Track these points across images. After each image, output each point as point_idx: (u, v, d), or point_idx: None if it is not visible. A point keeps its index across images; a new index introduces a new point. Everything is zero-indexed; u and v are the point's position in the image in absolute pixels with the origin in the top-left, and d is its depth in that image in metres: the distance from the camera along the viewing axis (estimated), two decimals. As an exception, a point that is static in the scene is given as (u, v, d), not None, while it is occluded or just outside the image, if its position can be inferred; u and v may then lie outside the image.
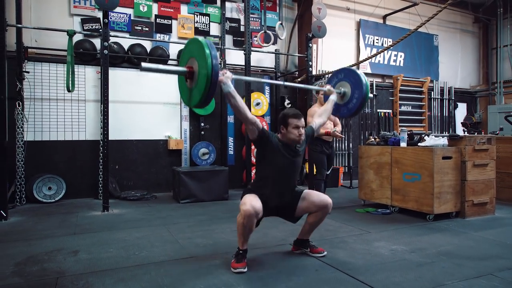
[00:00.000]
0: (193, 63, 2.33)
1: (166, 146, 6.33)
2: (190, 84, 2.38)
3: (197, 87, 2.30)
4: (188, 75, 2.36)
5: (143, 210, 4.83)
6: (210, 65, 2.17)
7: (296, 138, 2.68)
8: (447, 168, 4.18)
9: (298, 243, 3.03)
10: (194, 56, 2.33)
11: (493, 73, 9.91)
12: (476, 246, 3.17)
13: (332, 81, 3.52)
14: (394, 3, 8.62)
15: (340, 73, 3.41)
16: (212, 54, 2.21)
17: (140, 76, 6.15)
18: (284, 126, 2.70)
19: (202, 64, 2.23)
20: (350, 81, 3.29)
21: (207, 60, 2.18)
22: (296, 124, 2.67)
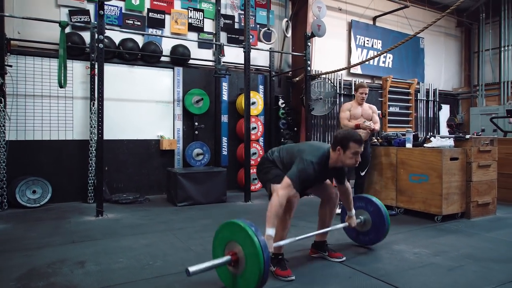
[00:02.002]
0: (237, 249, 2.18)
1: (158, 147, 6.05)
2: (234, 270, 2.20)
3: (245, 279, 2.13)
4: (233, 264, 2.19)
5: (140, 214, 4.56)
6: (262, 261, 2.01)
7: (351, 164, 2.54)
8: (454, 169, 4.19)
9: (316, 246, 2.95)
10: (236, 242, 2.18)
11: (475, 76, 10.22)
12: (495, 248, 3.16)
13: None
14: (384, 5, 8.69)
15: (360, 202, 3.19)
16: (263, 247, 2.05)
17: (132, 72, 5.85)
18: (342, 148, 2.50)
19: (252, 264, 2.07)
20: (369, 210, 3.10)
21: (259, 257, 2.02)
22: (357, 151, 2.49)
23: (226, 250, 2.24)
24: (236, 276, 2.19)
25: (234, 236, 2.20)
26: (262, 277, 2.02)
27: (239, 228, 2.17)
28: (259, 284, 2.04)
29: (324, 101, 7.06)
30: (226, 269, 2.24)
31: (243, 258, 2.12)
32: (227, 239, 2.26)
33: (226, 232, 2.29)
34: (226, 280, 2.29)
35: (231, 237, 2.23)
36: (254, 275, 2.05)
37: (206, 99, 6.27)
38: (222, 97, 6.55)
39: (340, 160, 2.53)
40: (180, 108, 6.21)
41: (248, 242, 2.09)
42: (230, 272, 2.22)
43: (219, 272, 2.35)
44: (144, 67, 5.95)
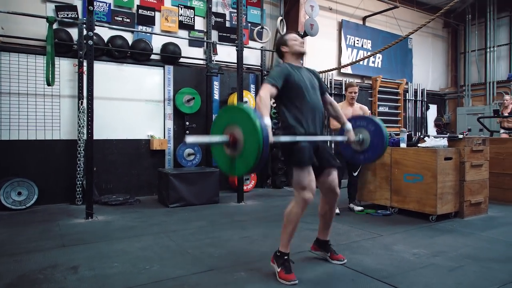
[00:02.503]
0: (234, 130, 2.13)
1: (148, 146, 5.92)
2: (232, 152, 2.16)
3: (243, 158, 2.10)
4: (231, 144, 2.14)
5: (132, 216, 4.44)
6: (261, 139, 1.97)
7: (298, 46, 2.69)
8: (448, 169, 4.22)
9: (319, 244, 2.90)
10: (235, 124, 2.14)
11: (461, 76, 10.39)
12: (492, 248, 3.18)
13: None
14: (373, 5, 8.73)
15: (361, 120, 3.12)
16: (262, 126, 2.00)
17: (121, 70, 5.71)
18: (284, 45, 2.71)
19: (250, 136, 2.03)
20: (369, 130, 3.07)
21: (258, 134, 1.97)
22: (295, 38, 2.72)
23: (226, 133, 2.20)
24: (234, 158, 2.16)
25: (233, 119, 2.18)
26: (261, 152, 1.97)
27: (238, 110, 2.18)
28: (258, 161, 2.00)
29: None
30: (224, 153, 2.22)
31: (241, 137, 2.10)
32: (225, 124, 2.22)
33: (224, 117, 2.29)
34: (223, 163, 2.28)
35: (230, 120, 2.21)
36: (253, 151, 2.01)
37: (198, 98, 6.17)
38: (213, 96, 6.46)
39: (291, 53, 2.68)
40: (171, 107, 6.09)
41: (246, 120, 2.06)
42: (228, 157, 2.20)
43: (218, 159, 2.33)
44: (133, 65, 5.81)
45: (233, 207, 5.05)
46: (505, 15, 9.41)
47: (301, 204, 2.44)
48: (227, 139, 2.13)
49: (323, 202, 2.81)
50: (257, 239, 3.42)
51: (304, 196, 2.43)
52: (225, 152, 2.20)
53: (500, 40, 9.50)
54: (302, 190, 2.44)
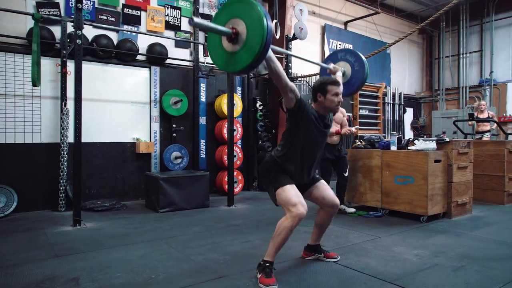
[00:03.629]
0: (237, 24, 2.10)
1: (134, 150, 5.75)
2: (233, 47, 2.12)
3: (245, 50, 2.06)
4: (233, 37, 2.10)
5: (122, 222, 4.28)
6: (265, 28, 1.96)
7: (334, 105, 2.55)
8: (438, 171, 4.35)
9: (310, 249, 2.93)
10: (239, 17, 2.10)
11: (436, 81, 10.80)
12: (486, 247, 3.29)
13: (328, 61, 3.49)
14: (354, 10, 8.93)
15: (338, 53, 3.40)
16: (266, 14, 2.00)
17: (106, 71, 5.52)
18: (321, 94, 2.53)
19: (254, 26, 2.01)
20: (348, 60, 3.28)
21: (262, 21, 1.97)
22: (336, 92, 2.53)
23: (228, 26, 2.13)
24: (233, 53, 2.11)
25: (235, 13, 2.12)
26: (265, 40, 1.94)
27: (248, 5, 2.08)
28: (261, 50, 1.97)
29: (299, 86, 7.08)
30: (222, 48, 2.17)
31: (244, 29, 2.05)
32: (225, 19, 2.15)
33: (225, 12, 2.19)
34: (221, 60, 2.21)
35: (231, 15, 2.14)
36: (257, 38, 1.97)
37: (185, 101, 6.06)
38: (200, 98, 6.37)
39: (324, 106, 2.55)
40: (157, 109, 5.94)
41: (249, 10, 2.03)
42: (226, 52, 2.15)
43: (214, 54, 2.26)
44: (119, 66, 5.62)
45: (225, 211, 4.98)
46: (476, 23, 9.88)
47: (295, 220, 2.34)
48: (229, 31, 2.08)
49: (322, 213, 2.79)
50: (258, 244, 3.38)
51: (296, 212, 2.34)
52: (223, 47, 2.16)
53: (472, 47, 9.96)
54: (292, 206, 2.36)
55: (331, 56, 3.58)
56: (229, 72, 2.26)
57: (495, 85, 9.28)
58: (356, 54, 3.30)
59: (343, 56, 3.36)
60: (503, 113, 8.98)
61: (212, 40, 2.26)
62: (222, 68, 2.26)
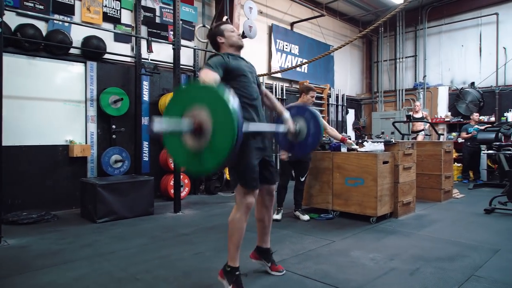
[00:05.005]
0: (198, 112, 1.79)
1: (67, 153, 5.17)
2: (195, 143, 1.81)
3: (211, 153, 1.78)
4: (195, 132, 1.79)
5: (53, 237, 3.78)
6: (236, 126, 1.69)
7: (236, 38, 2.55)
8: (386, 172, 4.44)
9: (260, 252, 2.76)
10: (200, 103, 1.80)
11: (375, 83, 11.30)
12: (435, 247, 3.38)
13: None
14: (300, 12, 8.99)
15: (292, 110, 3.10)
16: (237, 110, 1.73)
17: (33, 65, 4.89)
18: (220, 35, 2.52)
19: (221, 123, 1.74)
20: (304, 118, 3.02)
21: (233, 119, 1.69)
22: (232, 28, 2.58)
23: (186, 116, 1.84)
24: (198, 151, 1.81)
25: (194, 101, 1.84)
26: (236, 137, 1.69)
27: (201, 89, 1.86)
28: (232, 148, 1.71)
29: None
30: (182, 145, 1.84)
31: (209, 124, 1.76)
32: (183, 107, 1.85)
33: (182, 99, 1.91)
34: (181, 158, 1.92)
35: (190, 102, 1.84)
36: (226, 137, 1.71)
37: (126, 100, 5.59)
38: (142, 97, 5.93)
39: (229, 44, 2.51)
40: (94, 108, 5.41)
41: (213, 99, 1.77)
42: (189, 149, 1.83)
43: (175, 153, 1.95)
44: (48, 60, 5.02)
45: (172, 219, 4.65)
46: (411, 30, 10.49)
47: (244, 209, 2.33)
48: (191, 126, 1.78)
49: (259, 205, 2.66)
50: (210, 255, 3.14)
51: (246, 201, 2.32)
52: (185, 143, 1.83)
53: (407, 52, 10.55)
54: (245, 195, 2.33)
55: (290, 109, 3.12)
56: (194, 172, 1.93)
57: (428, 88, 9.92)
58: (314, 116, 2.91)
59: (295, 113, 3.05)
60: (435, 114, 9.62)
61: (170, 138, 1.95)
62: (186, 167, 1.97)
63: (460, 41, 9.66)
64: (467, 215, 4.76)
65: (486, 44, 9.20)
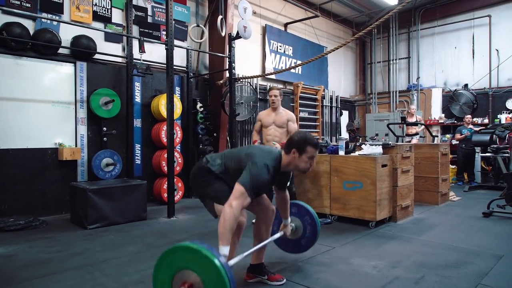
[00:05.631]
0: (188, 277, 1.81)
1: (56, 157, 5.00)
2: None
3: None
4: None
5: (42, 244, 3.61)
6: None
7: (306, 168, 2.35)
8: (385, 176, 4.37)
9: (253, 270, 2.65)
10: (188, 269, 1.81)
11: (368, 85, 11.27)
12: (437, 253, 3.31)
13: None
14: (294, 12, 8.91)
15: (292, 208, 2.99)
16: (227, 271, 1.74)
17: (20, 65, 4.71)
18: (298, 151, 2.29)
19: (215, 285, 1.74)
20: (301, 218, 2.97)
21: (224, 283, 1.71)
22: (313, 155, 2.34)
23: (176, 284, 1.82)
24: None
25: (185, 263, 1.81)
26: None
27: (191, 252, 1.79)
28: None
29: (244, 105, 6.83)
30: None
31: (199, 283, 1.77)
32: (174, 270, 1.83)
33: (171, 260, 1.86)
34: None
35: (181, 265, 1.82)
36: None
37: (117, 101, 5.43)
38: (134, 98, 5.77)
39: (293, 163, 2.33)
40: (85, 110, 5.25)
41: (207, 267, 1.74)
42: None
43: None
44: (36, 60, 4.84)
45: (165, 224, 4.51)
46: (404, 32, 10.49)
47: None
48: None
49: (259, 222, 2.59)
50: (207, 264, 3.01)
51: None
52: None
53: (401, 53, 10.55)
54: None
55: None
56: None
57: (421, 90, 9.92)
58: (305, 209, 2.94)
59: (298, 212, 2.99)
60: (429, 116, 9.63)
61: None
62: None
63: (453, 43, 9.68)
64: (465, 218, 4.71)
65: (479, 46, 9.23)
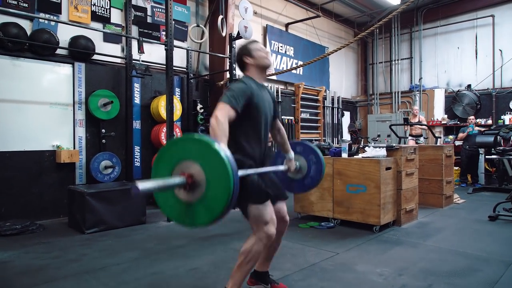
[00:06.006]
0: (190, 167, 1.66)
1: (54, 159, 4.92)
2: (188, 196, 1.67)
3: (206, 203, 1.64)
4: (188, 187, 1.66)
5: (38, 250, 3.53)
6: (231, 178, 1.57)
7: (265, 59, 2.31)
8: (389, 179, 4.27)
9: (257, 277, 2.55)
10: (191, 160, 1.67)
11: (370, 85, 11.18)
12: (444, 259, 3.22)
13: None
14: (295, 12, 8.83)
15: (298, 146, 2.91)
16: (231, 161, 1.59)
17: (17, 66, 4.63)
18: (248, 56, 2.29)
19: (215, 177, 1.61)
20: (306, 157, 2.90)
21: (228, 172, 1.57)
22: (260, 47, 2.33)
23: (177, 174, 1.69)
24: (190, 204, 1.67)
25: (187, 154, 1.69)
26: (231, 194, 1.56)
27: (193, 142, 1.68)
28: (227, 206, 1.58)
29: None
30: (174, 198, 1.70)
31: (202, 178, 1.63)
32: (175, 161, 1.71)
33: (174, 151, 1.76)
34: (174, 212, 1.75)
35: (182, 156, 1.70)
36: (220, 194, 1.58)
37: (116, 102, 5.34)
38: (134, 100, 5.69)
39: (257, 65, 2.30)
40: (83, 112, 5.16)
41: (207, 154, 1.62)
42: (181, 203, 1.69)
43: (165, 206, 1.77)
44: (33, 61, 4.76)
45: (165, 228, 4.42)
46: (406, 32, 10.40)
47: (265, 241, 2.12)
48: (183, 180, 1.64)
49: None
50: (208, 271, 2.93)
51: (268, 232, 2.12)
52: (176, 196, 1.69)
53: (403, 54, 10.46)
54: (265, 225, 2.12)
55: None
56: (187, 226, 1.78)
57: (424, 91, 9.83)
58: (310, 147, 2.81)
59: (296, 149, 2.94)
60: (431, 117, 9.54)
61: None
62: (177, 221, 1.78)
63: (456, 43, 9.59)
64: (471, 222, 4.62)
65: (482, 46, 9.14)
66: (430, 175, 5.67)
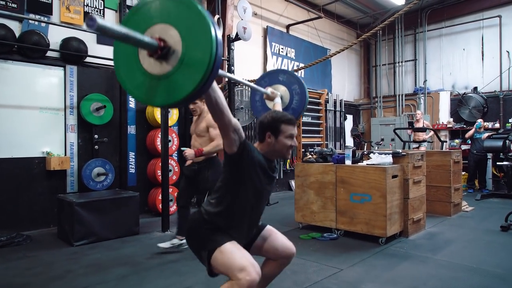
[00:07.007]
0: (164, 32, 1.36)
1: (44, 166, 4.70)
2: (161, 67, 1.37)
3: (184, 72, 1.34)
4: (160, 52, 1.35)
5: (21, 265, 3.30)
6: (213, 37, 1.28)
7: (286, 151, 1.94)
8: (395, 187, 4.03)
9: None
10: (166, 22, 1.37)
11: (373, 88, 10.94)
12: (457, 277, 2.97)
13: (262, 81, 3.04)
14: (295, 14, 8.62)
15: (266, 77, 2.97)
16: (215, 28, 1.30)
17: (4, 69, 4.42)
18: (272, 133, 1.90)
19: (195, 36, 1.31)
20: (282, 82, 2.83)
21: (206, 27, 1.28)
22: (291, 133, 1.93)
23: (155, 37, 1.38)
24: (164, 77, 1.37)
25: (162, 17, 1.38)
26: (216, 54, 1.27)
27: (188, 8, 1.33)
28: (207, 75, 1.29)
29: (244, 110, 6.52)
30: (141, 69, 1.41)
31: (177, 40, 1.34)
32: (148, 24, 1.40)
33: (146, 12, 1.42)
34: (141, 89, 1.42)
35: (156, 19, 1.39)
36: (200, 60, 1.29)
37: (110, 107, 5.13)
38: (128, 104, 5.48)
39: (273, 149, 1.93)
40: (75, 117, 4.95)
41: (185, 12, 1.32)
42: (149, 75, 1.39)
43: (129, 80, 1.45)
44: (22, 63, 4.55)
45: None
46: (410, 33, 10.17)
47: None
48: (154, 42, 1.34)
49: (273, 264, 2.11)
50: (201, 291, 2.70)
51: (246, 278, 1.66)
52: (143, 67, 1.40)
53: (407, 56, 10.23)
54: (240, 271, 1.68)
55: (264, 77, 3.09)
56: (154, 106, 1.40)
57: (428, 93, 9.58)
58: (295, 77, 2.85)
59: (279, 77, 2.85)
60: (436, 120, 9.29)
61: (122, 56, 1.48)
62: (143, 101, 1.46)
63: (461, 44, 9.35)
64: (482, 233, 4.37)
65: (489, 47, 8.89)
66: (437, 182, 5.42)
